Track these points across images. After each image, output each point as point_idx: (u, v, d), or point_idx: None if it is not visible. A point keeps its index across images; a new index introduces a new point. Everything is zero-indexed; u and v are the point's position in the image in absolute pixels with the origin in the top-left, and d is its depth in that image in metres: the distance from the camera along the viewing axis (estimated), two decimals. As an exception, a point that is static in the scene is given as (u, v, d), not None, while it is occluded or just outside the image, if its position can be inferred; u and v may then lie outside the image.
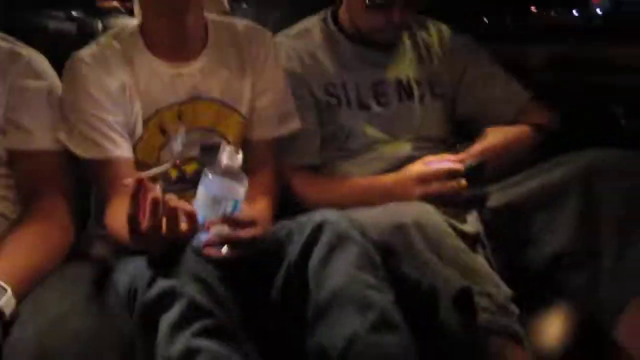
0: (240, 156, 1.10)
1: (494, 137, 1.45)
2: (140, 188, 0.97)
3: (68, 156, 1.26)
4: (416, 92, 1.57)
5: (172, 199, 0.99)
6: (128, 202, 0.98)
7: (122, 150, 1.26)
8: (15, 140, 1.23)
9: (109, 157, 1.25)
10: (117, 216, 1.12)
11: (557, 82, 1.75)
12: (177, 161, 1.31)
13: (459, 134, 1.60)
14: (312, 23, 1.60)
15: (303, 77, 1.49)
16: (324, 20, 1.59)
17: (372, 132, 1.52)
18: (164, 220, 0.98)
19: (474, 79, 1.60)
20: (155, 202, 0.96)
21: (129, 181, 0.98)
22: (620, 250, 1.24)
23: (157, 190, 0.98)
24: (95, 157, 1.25)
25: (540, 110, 1.57)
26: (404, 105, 1.55)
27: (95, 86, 1.26)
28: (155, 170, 1.08)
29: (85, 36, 1.54)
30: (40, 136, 1.24)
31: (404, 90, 1.56)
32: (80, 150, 1.25)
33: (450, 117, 1.60)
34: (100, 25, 1.63)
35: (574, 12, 2.36)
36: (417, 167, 1.38)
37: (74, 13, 1.72)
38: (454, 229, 1.23)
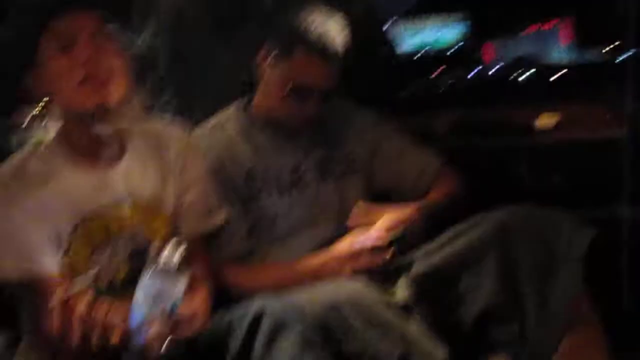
0: (180, 251, 1.09)
1: (408, 209, 1.49)
2: (66, 307, 0.97)
3: None
4: (334, 172, 1.61)
5: (101, 311, 0.98)
6: (56, 322, 0.97)
7: (48, 267, 1.23)
8: None
9: (34, 277, 1.22)
10: (50, 332, 1.10)
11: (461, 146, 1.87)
12: (102, 271, 1.28)
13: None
14: (228, 114, 1.62)
15: (222, 169, 1.50)
16: (239, 110, 1.62)
17: (295, 215, 1.54)
18: (94, 334, 0.97)
19: (387, 153, 1.66)
20: (81, 320, 0.96)
21: (53, 304, 0.97)
22: (542, 297, 1.30)
23: (82, 306, 0.97)
24: (21, 278, 1.22)
25: (451, 175, 1.65)
26: (324, 186, 1.59)
27: (16, 207, 1.23)
28: (79, 285, 1.08)
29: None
30: None
31: (322, 170, 1.60)
32: (5, 272, 1.22)
33: (368, 193, 1.64)
34: (14, 141, 1.62)
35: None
36: (344, 245, 1.42)
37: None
38: (386, 300, 1.27)
